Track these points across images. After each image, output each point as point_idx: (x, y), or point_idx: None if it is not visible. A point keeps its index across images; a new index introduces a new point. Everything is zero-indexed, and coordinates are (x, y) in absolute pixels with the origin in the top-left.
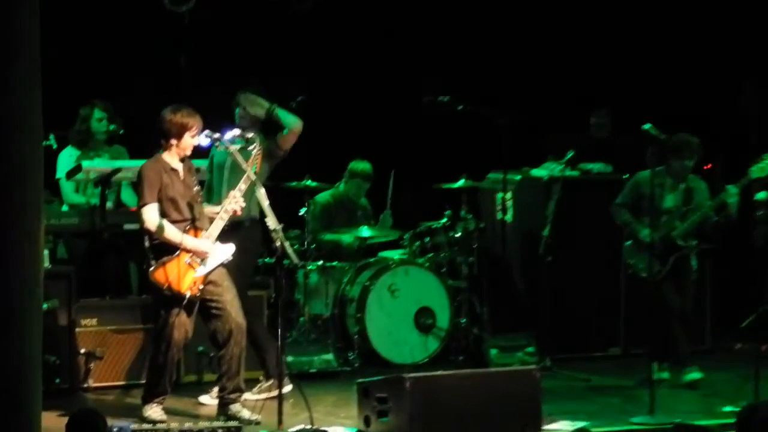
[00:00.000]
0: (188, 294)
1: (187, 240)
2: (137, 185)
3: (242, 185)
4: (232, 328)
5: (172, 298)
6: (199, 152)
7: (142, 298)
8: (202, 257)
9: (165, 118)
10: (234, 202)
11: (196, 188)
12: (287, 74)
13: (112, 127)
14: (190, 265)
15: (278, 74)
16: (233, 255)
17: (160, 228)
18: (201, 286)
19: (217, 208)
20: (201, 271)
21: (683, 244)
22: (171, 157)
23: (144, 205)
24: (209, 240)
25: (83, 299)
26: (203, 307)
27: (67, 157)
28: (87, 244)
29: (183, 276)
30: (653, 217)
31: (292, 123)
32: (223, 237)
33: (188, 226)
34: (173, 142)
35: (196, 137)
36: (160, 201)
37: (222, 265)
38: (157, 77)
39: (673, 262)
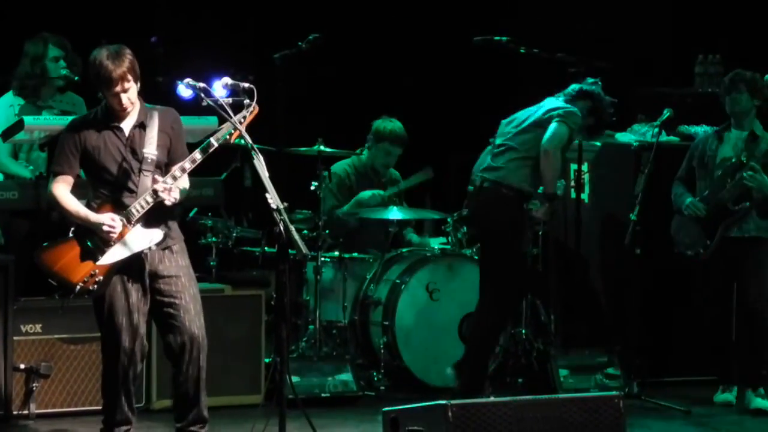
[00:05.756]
0: (79, 287)
1: (85, 213)
2: None
3: (186, 164)
4: (185, 342)
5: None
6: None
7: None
8: (105, 240)
9: (91, 62)
10: (164, 186)
11: (151, 155)
12: (295, 6)
13: (64, 71)
14: (91, 250)
15: (282, 6)
16: (158, 245)
17: (53, 200)
18: (100, 279)
19: None
20: (104, 258)
21: (734, 209)
22: (116, 110)
23: (49, 173)
24: (118, 221)
25: (24, 298)
26: (155, 311)
27: (6, 108)
28: (29, 225)
29: (78, 262)
30: (705, 181)
31: None
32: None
33: (106, 201)
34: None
35: (123, 96)
36: (84, 169)
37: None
38: (126, 10)
39: (724, 233)
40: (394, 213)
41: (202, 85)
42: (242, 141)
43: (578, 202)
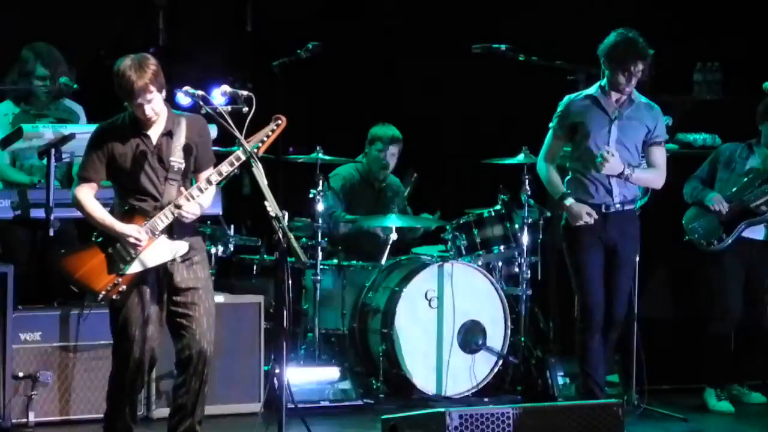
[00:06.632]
0: (102, 294)
1: (110, 222)
2: None
3: (213, 176)
4: (192, 355)
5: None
6: None
7: (102, 305)
8: (131, 250)
9: (115, 73)
10: (184, 208)
11: (178, 164)
12: (294, 15)
13: (63, 79)
14: (115, 259)
15: (284, 14)
16: (183, 257)
17: (78, 204)
18: (123, 288)
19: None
20: (129, 268)
21: (757, 212)
22: (142, 121)
23: (77, 177)
24: (144, 230)
25: (23, 307)
26: (170, 320)
27: (1, 117)
28: (28, 234)
29: (101, 270)
30: (727, 183)
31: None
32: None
33: (131, 209)
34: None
35: (147, 107)
36: (109, 176)
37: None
38: (126, 15)
39: (741, 231)
40: (393, 220)
41: (200, 92)
42: (239, 148)
43: None
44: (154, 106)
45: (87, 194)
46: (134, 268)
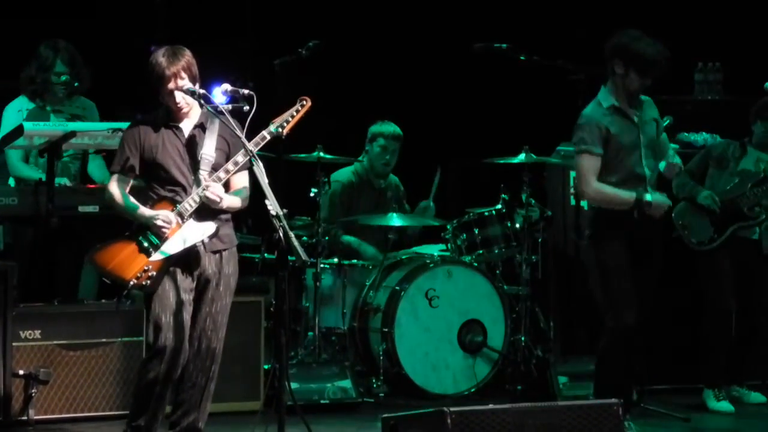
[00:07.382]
0: (132, 283)
1: (140, 210)
2: None
3: (229, 166)
4: (200, 349)
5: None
6: None
7: (102, 303)
8: (159, 236)
9: (149, 61)
10: (210, 188)
11: (209, 156)
12: (294, 13)
13: (63, 78)
14: (145, 247)
15: (281, 13)
16: (210, 237)
17: (110, 198)
18: (153, 274)
19: None
20: (157, 255)
21: (750, 215)
22: (174, 111)
23: (110, 173)
24: (172, 216)
25: (23, 304)
26: (193, 310)
27: (15, 113)
28: (30, 232)
29: (133, 259)
30: (718, 181)
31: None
32: None
33: (162, 199)
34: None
35: (177, 94)
36: (141, 167)
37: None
38: (127, 17)
39: (732, 233)
40: (394, 220)
41: (201, 91)
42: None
43: (578, 209)
44: (186, 95)
45: (119, 188)
46: (164, 252)
